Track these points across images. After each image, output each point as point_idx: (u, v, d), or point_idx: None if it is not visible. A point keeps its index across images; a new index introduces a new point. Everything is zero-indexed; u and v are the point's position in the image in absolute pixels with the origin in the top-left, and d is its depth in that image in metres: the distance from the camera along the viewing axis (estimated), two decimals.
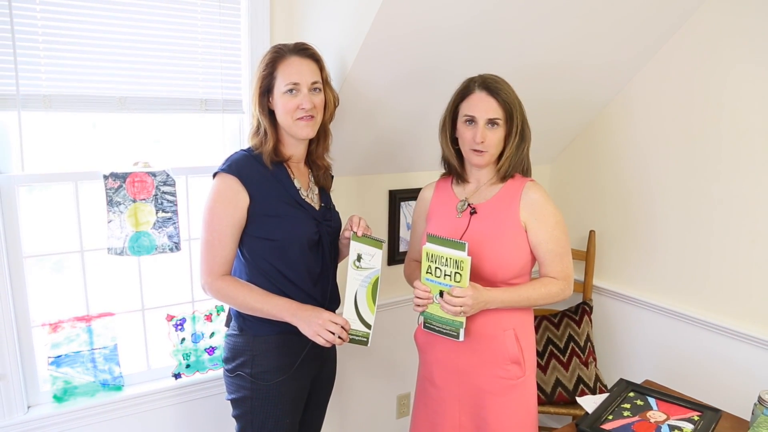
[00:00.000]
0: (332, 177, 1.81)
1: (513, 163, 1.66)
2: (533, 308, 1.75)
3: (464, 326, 1.58)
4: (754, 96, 2.04)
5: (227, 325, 1.73)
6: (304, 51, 1.60)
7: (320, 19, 1.88)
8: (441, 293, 1.56)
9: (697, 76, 2.19)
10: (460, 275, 1.54)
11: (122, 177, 1.81)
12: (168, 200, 1.89)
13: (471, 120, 1.62)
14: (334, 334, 1.54)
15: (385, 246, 2.42)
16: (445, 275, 1.56)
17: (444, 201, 1.76)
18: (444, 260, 1.55)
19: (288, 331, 1.59)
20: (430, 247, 1.57)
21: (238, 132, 2.04)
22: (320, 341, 1.53)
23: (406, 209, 2.44)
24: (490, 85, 1.61)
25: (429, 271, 1.59)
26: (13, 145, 1.70)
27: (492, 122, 1.61)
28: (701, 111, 2.20)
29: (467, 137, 1.64)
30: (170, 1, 1.80)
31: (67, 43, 1.68)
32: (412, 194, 2.43)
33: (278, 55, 1.59)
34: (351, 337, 1.60)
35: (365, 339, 1.62)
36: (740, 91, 2.08)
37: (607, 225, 2.61)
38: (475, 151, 1.63)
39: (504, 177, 1.68)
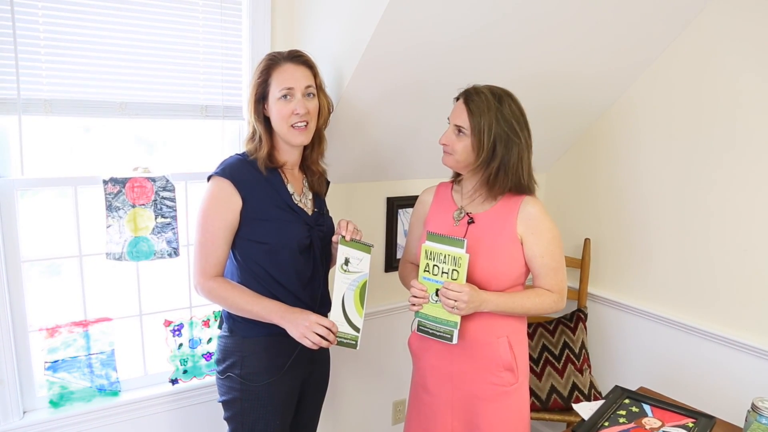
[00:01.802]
0: (328, 183, 1.83)
1: (485, 178, 1.63)
2: (527, 316, 1.76)
3: (458, 328, 1.60)
4: (748, 105, 2.07)
5: (220, 327, 1.74)
6: (297, 58, 1.63)
7: (321, 28, 1.90)
8: (437, 292, 1.59)
9: (692, 86, 2.23)
10: (458, 272, 1.57)
11: (122, 182, 1.81)
12: (167, 206, 1.89)
13: (449, 123, 1.68)
14: (322, 337, 1.55)
15: (381, 251, 2.44)
16: (442, 273, 1.59)
17: (443, 207, 1.78)
18: (442, 257, 1.58)
19: (277, 333, 1.60)
20: (429, 245, 1.60)
21: (238, 138, 2.05)
22: (307, 343, 1.55)
23: (404, 216, 2.46)
24: (469, 95, 1.63)
25: (427, 269, 1.61)
26: (13, 149, 1.70)
27: (458, 129, 1.64)
28: (696, 120, 2.23)
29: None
30: (172, 7, 1.81)
31: (69, 47, 1.69)
32: (410, 201, 2.44)
33: (272, 62, 1.62)
34: (339, 339, 1.61)
35: (354, 342, 1.63)
36: (735, 100, 2.11)
37: (602, 233, 2.63)
38: (444, 150, 1.68)
39: (491, 189, 1.66)
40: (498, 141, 1.60)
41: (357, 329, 1.63)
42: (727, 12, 2.10)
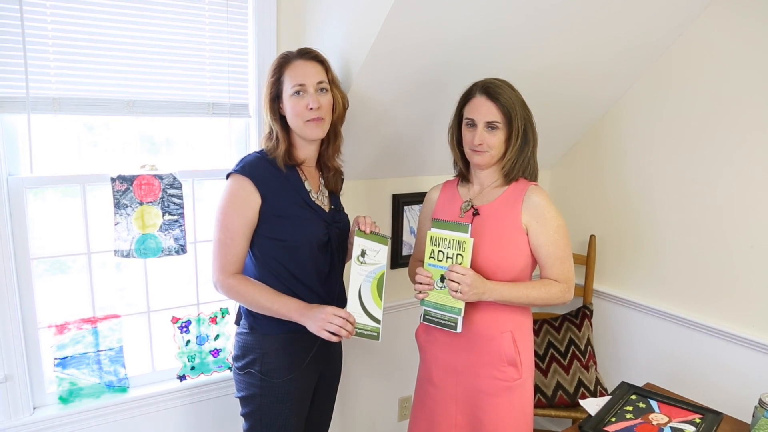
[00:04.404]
0: (343, 180, 1.84)
1: (516, 165, 1.69)
2: (533, 311, 1.77)
3: (462, 315, 1.61)
4: (756, 102, 2.06)
5: (237, 323, 1.75)
6: (307, 54, 1.66)
7: (327, 25, 1.90)
8: (442, 278, 1.60)
9: (698, 82, 2.22)
10: (462, 256, 1.59)
11: (129, 180, 1.82)
12: (174, 203, 1.90)
13: (471, 123, 1.67)
14: (341, 328, 1.55)
15: (389, 244, 2.45)
16: (447, 258, 1.61)
17: (449, 201, 1.79)
18: (447, 242, 1.60)
19: (296, 330, 1.62)
20: (434, 231, 1.63)
21: (245, 136, 2.06)
22: (325, 335, 1.55)
23: (410, 213, 2.46)
24: (490, 89, 1.65)
25: (432, 255, 1.63)
26: (22, 148, 1.71)
27: (491, 125, 1.64)
28: (702, 116, 2.22)
29: (467, 139, 1.69)
30: (178, 6, 1.82)
31: (77, 46, 1.70)
32: (416, 198, 2.45)
33: (284, 60, 1.65)
34: (358, 330, 1.61)
35: (375, 333, 1.63)
36: (742, 96, 2.10)
37: (607, 229, 2.63)
38: (475, 150, 1.67)
39: (508, 179, 1.70)
40: (527, 126, 1.67)
41: (377, 321, 1.63)
42: (734, 7, 2.09)
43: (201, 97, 1.92)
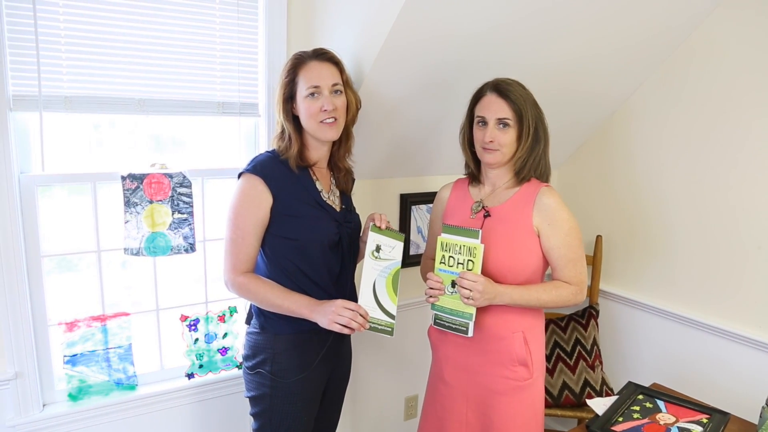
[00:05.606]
0: (354, 180, 1.84)
1: (527, 164, 1.68)
2: (544, 311, 1.77)
3: (473, 320, 1.61)
4: (764, 102, 2.06)
5: (248, 322, 1.75)
6: (322, 55, 1.65)
7: (337, 25, 1.91)
8: (453, 284, 1.61)
9: (710, 80, 2.21)
10: (473, 263, 1.59)
11: (139, 178, 1.83)
12: (184, 201, 1.91)
13: (483, 121, 1.67)
14: (352, 321, 1.55)
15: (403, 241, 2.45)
16: (458, 264, 1.61)
17: (460, 201, 1.80)
18: (457, 248, 1.61)
19: (307, 330, 1.63)
20: (444, 237, 1.63)
21: (254, 135, 2.07)
22: (337, 328, 1.55)
23: (417, 213, 2.47)
24: (501, 87, 1.65)
25: (442, 261, 1.64)
26: (34, 146, 1.72)
27: (502, 122, 1.64)
28: (713, 116, 2.22)
29: (479, 138, 1.68)
30: (189, 5, 1.83)
31: (89, 45, 1.71)
32: (424, 198, 2.46)
33: (299, 61, 1.64)
34: (372, 325, 1.61)
35: (389, 329, 1.63)
36: (753, 96, 2.09)
37: (614, 230, 2.63)
38: (486, 149, 1.67)
39: (519, 179, 1.70)
40: (539, 125, 1.67)
41: (392, 316, 1.64)
42: (745, 6, 2.09)
43: (211, 96, 1.93)
